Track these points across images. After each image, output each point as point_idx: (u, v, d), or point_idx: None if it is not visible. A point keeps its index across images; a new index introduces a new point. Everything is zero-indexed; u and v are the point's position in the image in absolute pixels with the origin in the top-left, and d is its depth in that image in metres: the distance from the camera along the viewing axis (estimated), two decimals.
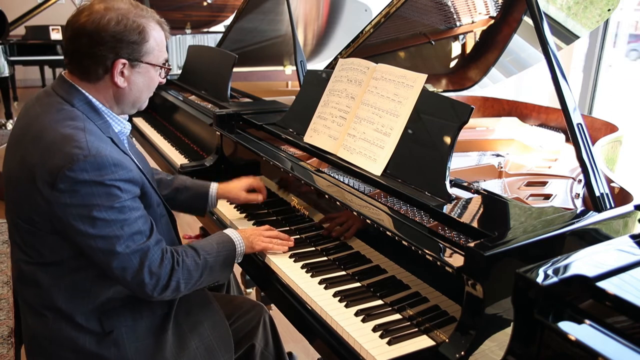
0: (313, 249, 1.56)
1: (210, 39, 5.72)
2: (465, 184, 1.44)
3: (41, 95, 1.29)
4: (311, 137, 1.77)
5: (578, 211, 1.22)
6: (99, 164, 1.14)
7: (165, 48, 1.35)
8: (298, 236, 1.63)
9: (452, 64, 2.65)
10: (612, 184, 1.40)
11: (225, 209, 1.87)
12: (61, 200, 1.13)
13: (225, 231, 1.48)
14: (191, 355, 1.35)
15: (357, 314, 1.24)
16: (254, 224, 1.74)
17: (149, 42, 1.27)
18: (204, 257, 1.34)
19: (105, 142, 1.22)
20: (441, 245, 1.17)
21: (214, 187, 1.74)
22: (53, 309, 1.25)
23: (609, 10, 2.07)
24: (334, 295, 1.32)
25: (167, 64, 1.36)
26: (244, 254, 1.46)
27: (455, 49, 2.56)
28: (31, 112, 1.26)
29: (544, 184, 1.73)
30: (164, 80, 1.38)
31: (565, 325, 0.78)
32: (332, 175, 1.59)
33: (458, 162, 1.80)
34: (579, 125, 1.31)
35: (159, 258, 1.24)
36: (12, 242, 1.32)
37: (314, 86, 1.89)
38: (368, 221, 1.34)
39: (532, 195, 1.62)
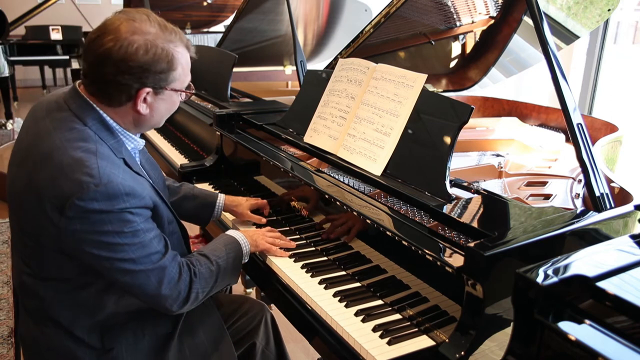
0: (313, 249, 1.56)
1: (210, 39, 5.72)
2: (465, 184, 1.44)
3: (52, 108, 1.22)
4: (311, 137, 1.77)
5: (578, 211, 1.22)
6: (110, 193, 1.10)
7: (189, 70, 1.28)
8: (298, 236, 1.63)
9: (452, 64, 2.65)
10: (612, 184, 1.40)
11: None
12: (71, 227, 1.10)
13: (228, 232, 1.48)
14: None
15: (357, 314, 1.24)
16: (254, 224, 1.74)
17: (177, 70, 1.22)
18: (216, 262, 1.34)
19: (118, 166, 1.17)
20: (441, 245, 1.17)
21: (221, 198, 1.73)
22: (54, 321, 1.23)
23: (609, 10, 2.07)
24: (334, 295, 1.32)
25: (191, 87, 1.31)
26: (249, 253, 1.47)
27: (455, 49, 2.56)
28: (41, 126, 1.19)
29: (544, 184, 1.73)
30: (184, 100, 1.35)
31: (565, 325, 0.78)
32: (332, 175, 1.59)
33: (458, 162, 1.80)
34: (579, 125, 1.31)
35: (177, 273, 1.23)
36: (15, 250, 1.30)
37: (314, 86, 1.89)
38: (368, 221, 1.34)
39: (532, 195, 1.62)
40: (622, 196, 1.39)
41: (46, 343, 1.25)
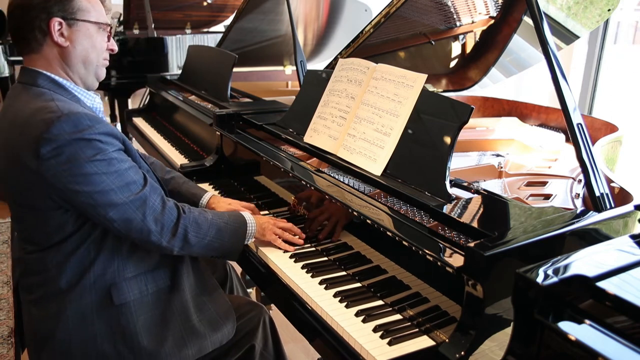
0: (313, 249, 1.56)
1: (210, 39, 5.71)
2: (465, 184, 1.44)
3: (10, 91, 1.35)
4: (311, 137, 1.77)
5: (578, 211, 1.22)
6: (74, 121, 1.17)
7: (103, 12, 1.37)
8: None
9: (452, 64, 2.65)
10: (612, 184, 1.40)
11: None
12: (49, 167, 1.16)
13: (240, 211, 1.53)
14: (195, 328, 1.38)
15: (357, 314, 1.24)
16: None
17: None
18: (212, 217, 1.39)
19: (77, 107, 1.24)
20: (441, 245, 1.17)
21: (206, 197, 1.71)
22: (61, 292, 1.28)
23: (609, 10, 2.07)
24: (335, 295, 1.32)
25: (109, 27, 1.38)
26: (253, 236, 1.50)
27: (455, 49, 2.56)
28: (3, 108, 1.32)
29: (544, 184, 1.73)
30: (115, 47, 1.40)
31: (565, 325, 0.78)
32: (332, 175, 1.59)
33: (458, 162, 1.80)
34: (579, 125, 1.31)
35: (159, 205, 1.28)
36: (18, 236, 1.36)
37: (314, 86, 1.89)
38: (368, 221, 1.34)
39: (532, 195, 1.62)
40: (622, 196, 1.39)
41: (53, 324, 1.29)
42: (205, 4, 5.18)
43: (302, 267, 1.45)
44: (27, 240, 1.32)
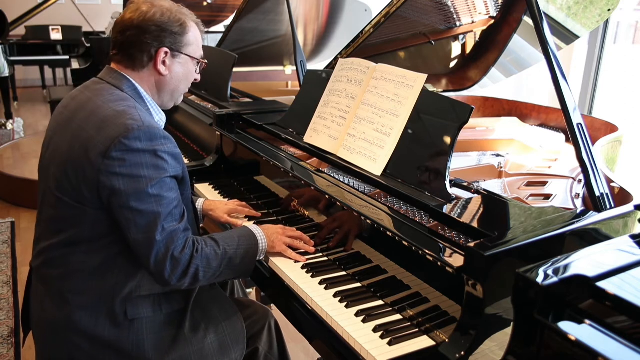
0: (313, 249, 1.56)
1: (210, 39, 5.72)
2: (465, 184, 1.44)
3: (89, 84, 1.39)
4: (311, 137, 1.77)
5: (578, 211, 1.22)
6: (151, 134, 1.23)
7: (201, 46, 1.46)
8: None
9: (452, 64, 2.65)
10: (612, 184, 1.40)
11: None
12: (110, 169, 1.19)
13: (248, 225, 1.50)
14: (205, 351, 1.37)
15: (357, 314, 1.24)
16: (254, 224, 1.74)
17: (188, 34, 1.39)
18: (224, 247, 1.36)
19: (155, 121, 1.31)
20: (441, 245, 1.17)
21: (200, 202, 1.75)
22: (77, 293, 1.29)
23: (609, 10, 2.07)
24: (335, 295, 1.32)
25: (203, 60, 1.47)
26: (265, 251, 1.47)
27: (455, 49, 2.56)
28: (81, 97, 1.34)
29: (544, 184, 1.73)
30: (199, 77, 1.49)
31: (565, 325, 0.78)
32: (332, 175, 1.59)
33: (458, 162, 1.80)
34: (579, 125, 1.31)
35: (182, 245, 1.27)
36: (47, 226, 1.34)
37: (314, 86, 1.89)
38: (368, 221, 1.34)
39: (532, 195, 1.62)
40: (622, 196, 1.39)
41: (64, 322, 1.29)
42: (205, 4, 5.18)
43: (302, 267, 1.45)
44: (57, 231, 1.30)
